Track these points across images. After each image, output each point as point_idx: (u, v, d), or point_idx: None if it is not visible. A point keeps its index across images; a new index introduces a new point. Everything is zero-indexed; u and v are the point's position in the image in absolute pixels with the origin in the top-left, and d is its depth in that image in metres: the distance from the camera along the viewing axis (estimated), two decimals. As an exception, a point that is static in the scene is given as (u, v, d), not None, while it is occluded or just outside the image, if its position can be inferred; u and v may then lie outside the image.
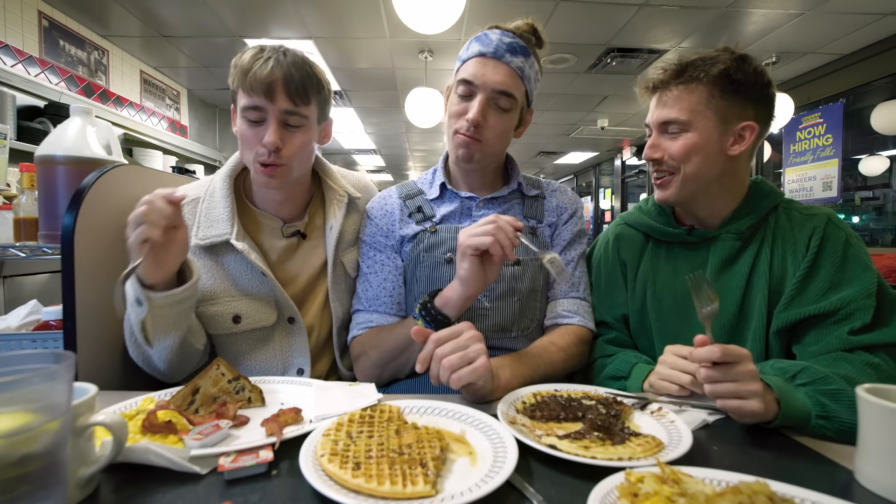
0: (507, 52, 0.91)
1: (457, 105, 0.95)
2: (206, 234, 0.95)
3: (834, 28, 3.38)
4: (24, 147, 2.46)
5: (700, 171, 0.89)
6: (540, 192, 1.08)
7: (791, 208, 0.93)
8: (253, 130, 0.89)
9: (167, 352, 0.86)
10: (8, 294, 2.31)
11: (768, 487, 0.43)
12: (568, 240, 1.05)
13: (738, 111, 0.87)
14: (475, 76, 0.91)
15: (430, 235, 0.99)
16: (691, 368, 0.74)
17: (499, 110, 0.93)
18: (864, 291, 0.80)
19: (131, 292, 0.80)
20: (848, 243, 0.84)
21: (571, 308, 0.99)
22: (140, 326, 0.82)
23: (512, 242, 0.77)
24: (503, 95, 0.92)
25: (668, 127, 0.89)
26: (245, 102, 0.88)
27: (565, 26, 3.36)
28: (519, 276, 0.98)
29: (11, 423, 0.37)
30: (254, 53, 0.88)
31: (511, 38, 0.92)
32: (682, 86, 0.87)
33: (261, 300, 0.97)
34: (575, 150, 8.00)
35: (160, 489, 0.50)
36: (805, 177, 4.19)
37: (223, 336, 0.97)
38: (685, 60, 0.88)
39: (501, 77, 0.91)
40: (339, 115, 5.72)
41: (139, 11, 3.17)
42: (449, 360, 0.68)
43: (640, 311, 1.00)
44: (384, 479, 0.47)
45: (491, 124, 0.93)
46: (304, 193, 1.05)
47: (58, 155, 1.08)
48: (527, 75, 0.95)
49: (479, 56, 0.92)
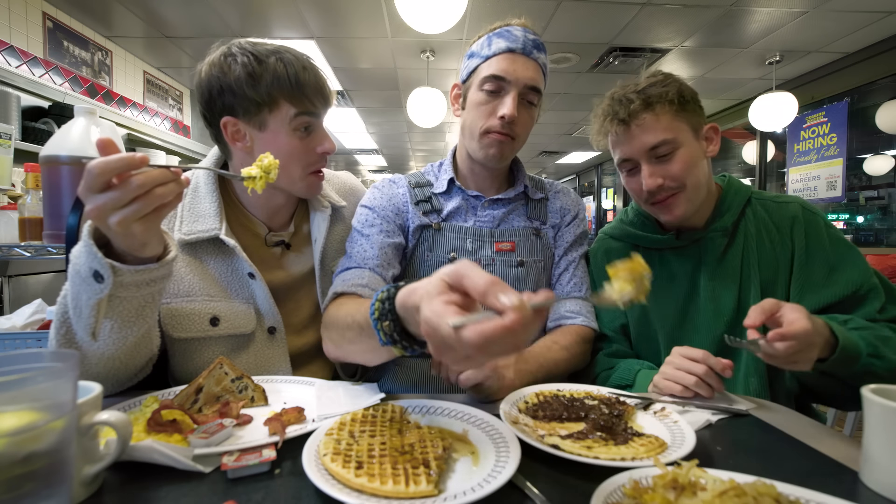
0: (534, 49, 0.92)
1: (484, 103, 0.93)
2: (192, 229, 0.87)
3: (838, 27, 3.36)
4: (28, 147, 2.47)
5: (700, 180, 0.92)
6: (544, 194, 1.08)
7: (763, 198, 0.98)
8: (304, 142, 0.88)
9: (117, 349, 0.69)
10: (13, 293, 2.32)
11: (774, 489, 0.42)
12: (571, 241, 1.06)
13: (697, 118, 0.93)
14: (507, 72, 0.90)
15: (435, 233, 0.98)
16: (697, 370, 0.74)
17: (528, 106, 0.94)
18: (867, 270, 0.87)
19: (83, 263, 0.61)
20: (827, 225, 0.92)
21: (574, 308, 1.00)
22: (92, 310, 0.64)
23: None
24: (533, 91, 0.93)
25: (658, 150, 0.90)
26: (297, 111, 0.85)
27: (567, 26, 3.35)
28: (523, 277, 0.99)
29: (17, 422, 0.37)
30: (294, 62, 0.85)
31: (533, 34, 0.94)
32: (650, 111, 0.89)
33: (241, 305, 0.90)
34: (577, 150, 7.99)
35: (164, 487, 0.50)
36: (809, 176, 4.17)
37: (195, 340, 0.87)
38: (640, 89, 0.91)
39: (532, 73, 0.92)
40: (341, 115, 5.72)
41: (142, 12, 3.18)
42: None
43: (640, 321, 1.01)
44: (387, 478, 0.47)
45: (522, 120, 0.94)
46: (294, 201, 1.01)
47: (62, 155, 1.09)
48: (547, 72, 0.97)
49: (508, 52, 0.91)
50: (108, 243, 0.63)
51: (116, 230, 0.58)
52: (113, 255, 0.63)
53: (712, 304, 0.93)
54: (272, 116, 0.85)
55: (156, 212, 0.60)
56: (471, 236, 0.99)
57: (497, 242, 0.99)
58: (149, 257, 0.66)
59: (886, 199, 4.53)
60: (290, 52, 0.87)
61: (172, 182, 0.60)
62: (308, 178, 0.91)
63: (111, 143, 0.57)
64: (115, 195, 0.56)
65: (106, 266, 0.61)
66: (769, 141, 4.89)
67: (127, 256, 0.64)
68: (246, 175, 0.70)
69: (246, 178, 0.70)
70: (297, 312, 0.97)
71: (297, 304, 0.98)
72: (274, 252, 0.97)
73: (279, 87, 0.83)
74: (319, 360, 1.00)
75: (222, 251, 0.90)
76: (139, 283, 0.65)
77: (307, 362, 0.98)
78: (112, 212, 0.57)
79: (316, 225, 0.99)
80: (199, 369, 0.82)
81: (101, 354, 0.69)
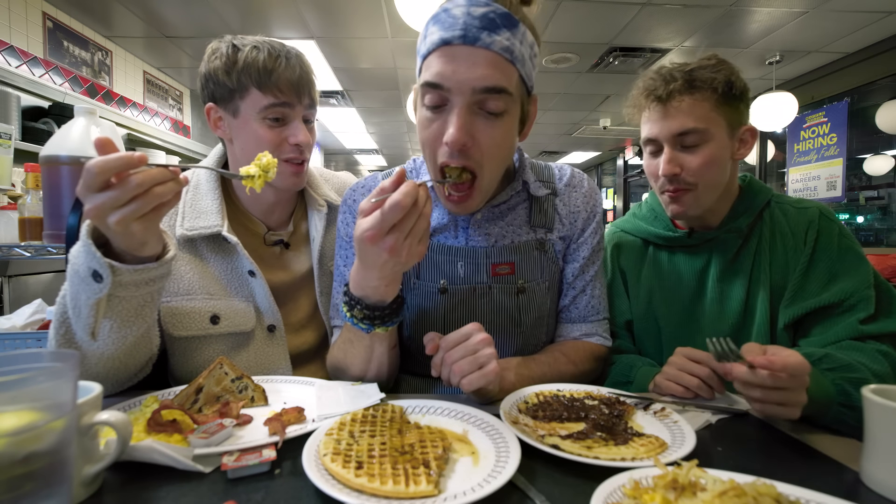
0: (483, 30, 0.65)
1: (427, 123, 0.70)
2: (194, 225, 0.87)
3: (838, 27, 3.36)
4: (28, 147, 2.47)
5: (716, 182, 0.89)
6: (550, 189, 0.90)
7: (783, 202, 0.95)
8: (275, 131, 0.88)
9: (116, 348, 0.68)
10: (13, 293, 2.32)
11: (775, 489, 0.42)
12: (587, 256, 0.89)
13: (739, 117, 0.88)
14: (443, 76, 0.66)
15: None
16: (700, 372, 0.74)
17: (489, 117, 0.68)
18: (864, 282, 0.83)
19: (82, 262, 0.61)
20: (841, 235, 0.87)
21: (588, 330, 0.91)
22: (91, 310, 0.64)
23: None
24: (491, 94, 0.66)
25: (685, 139, 0.86)
26: (269, 101, 0.85)
27: (567, 26, 3.35)
28: (524, 306, 0.85)
29: (17, 422, 0.37)
30: (268, 53, 0.85)
31: (484, 5, 0.65)
32: (692, 94, 0.85)
33: (241, 303, 0.89)
34: (577, 150, 7.99)
35: (164, 487, 0.50)
36: (809, 176, 4.17)
37: (196, 339, 0.86)
38: (689, 69, 0.86)
39: (483, 68, 0.65)
40: (341, 115, 5.73)
41: (142, 12, 3.18)
42: (459, 366, 0.66)
43: (644, 317, 1.00)
44: (387, 478, 0.47)
45: (482, 141, 0.68)
46: (292, 200, 1.01)
47: (62, 155, 1.09)
48: (518, 55, 0.67)
49: (444, 45, 0.66)
50: (106, 243, 0.63)
51: (116, 229, 0.58)
52: (112, 255, 0.62)
53: (718, 306, 0.92)
54: (243, 103, 0.87)
55: (155, 211, 0.60)
56: (462, 259, 0.84)
57: (494, 265, 0.84)
58: (148, 256, 0.65)
59: (886, 199, 4.53)
60: (274, 45, 0.88)
61: (171, 181, 0.60)
62: (280, 165, 0.88)
63: (110, 143, 0.57)
64: (113, 194, 0.56)
65: (105, 266, 0.60)
66: (769, 141, 4.89)
67: (126, 256, 0.64)
68: (245, 174, 0.70)
69: (245, 176, 0.71)
70: (295, 312, 0.97)
71: (296, 303, 0.98)
72: (273, 251, 0.97)
73: (248, 74, 0.84)
74: (318, 360, 1.00)
75: (223, 249, 0.90)
76: (138, 283, 0.64)
77: (306, 362, 0.98)
78: (111, 211, 0.57)
79: (314, 224, 1.00)
80: (199, 368, 0.83)
81: (101, 354, 0.69)
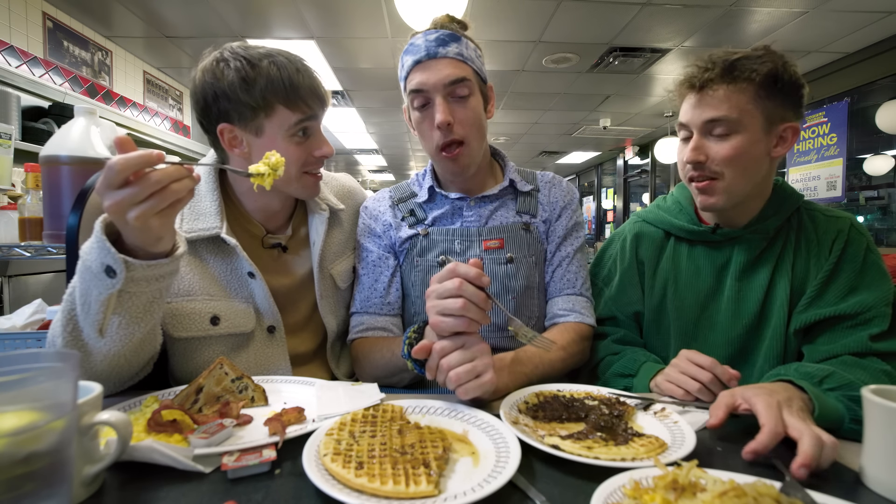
0: (439, 47, 0.91)
1: (420, 121, 0.95)
2: (193, 227, 0.87)
3: (838, 27, 3.37)
4: (28, 147, 2.47)
5: (746, 175, 0.86)
6: (534, 186, 1.06)
7: (812, 209, 0.93)
8: (302, 147, 0.88)
9: (123, 345, 0.69)
10: (13, 293, 2.32)
11: (774, 489, 0.42)
12: (562, 235, 1.03)
13: (781, 112, 0.84)
14: (422, 83, 0.91)
15: (423, 239, 1.00)
16: (702, 377, 0.74)
17: (460, 100, 0.92)
18: (883, 299, 0.81)
19: (95, 258, 0.62)
20: (869, 250, 0.86)
21: (566, 306, 0.99)
22: (101, 306, 0.64)
23: (484, 310, 0.69)
24: (456, 84, 0.91)
25: (715, 127, 0.84)
26: (297, 117, 0.85)
27: (567, 26, 3.35)
28: (513, 273, 0.98)
29: (17, 422, 0.37)
30: (285, 65, 0.84)
31: (435, 33, 0.93)
32: (729, 84, 0.82)
33: (240, 304, 0.90)
34: (577, 150, 7.99)
35: (164, 488, 0.50)
36: (809, 176, 4.17)
37: (196, 340, 0.87)
38: (731, 58, 0.83)
39: (446, 69, 0.90)
40: (341, 115, 5.73)
41: (142, 12, 3.18)
42: (456, 373, 0.67)
43: (657, 310, 0.99)
44: (387, 478, 0.47)
45: (461, 117, 0.92)
46: (292, 203, 1.01)
47: (62, 155, 1.09)
48: (468, 56, 0.94)
49: (416, 65, 0.92)
50: (117, 240, 0.64)
51: (134, 224, 0.59)
52: (123, 252, 0.63)
53: (734, 305, 0.91)
54: (269, 121, 0.84)
55: (171, 206, 0.61)
56: (458, 237, 0.99)
57: (485, 241, 0.99)
58: (160, 252, 0.66)
59: (886, 199, 4.53)
60: (283, 54, 0.86)
61: (187, 178, 0.62)
62: (303, 178, 0.91)
63: (129, 141, 0.60)
64: (133, 191, 0.58)
65: (119, 261, 0.61)
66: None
67: (138, 252, 0.64)
68: (254, 172, 0.71)
69: (254, 174, 0.71)
70: (293, 314, 0.97)
71: (295, 306, 0.98)
72: (271, 254, 0.97)
73: (273, 90, 0.82)
74: (317, 361, 1.00)
75: (222, 250, 0.90)
76: (150, 279, 0.65)
77: (305, 363, 0.98)
78: (130, 207, 0.58)
79: (314, 228, 0.99)
80: (199, 368, 0.83)
81: (108, 352, 0.69)
